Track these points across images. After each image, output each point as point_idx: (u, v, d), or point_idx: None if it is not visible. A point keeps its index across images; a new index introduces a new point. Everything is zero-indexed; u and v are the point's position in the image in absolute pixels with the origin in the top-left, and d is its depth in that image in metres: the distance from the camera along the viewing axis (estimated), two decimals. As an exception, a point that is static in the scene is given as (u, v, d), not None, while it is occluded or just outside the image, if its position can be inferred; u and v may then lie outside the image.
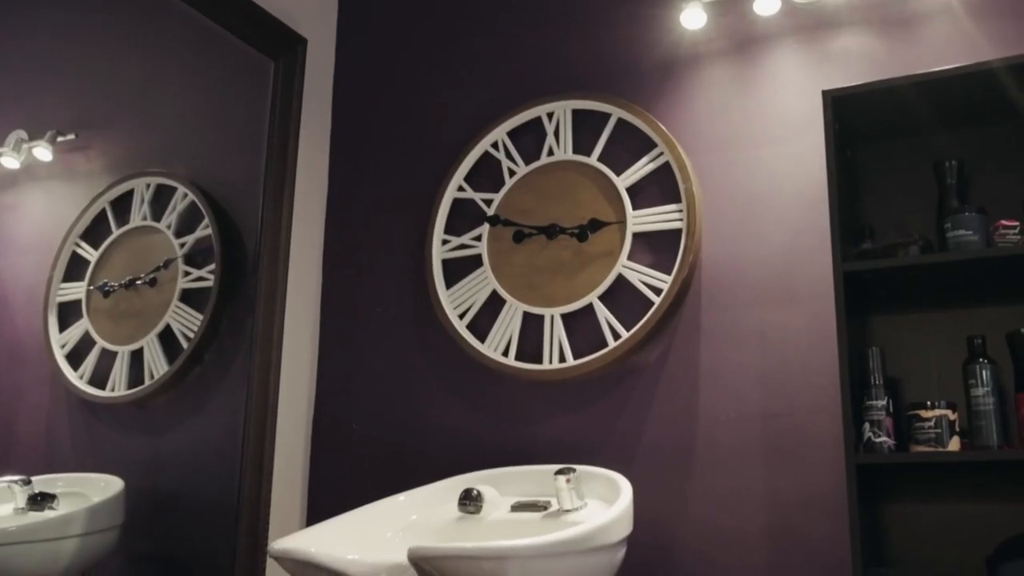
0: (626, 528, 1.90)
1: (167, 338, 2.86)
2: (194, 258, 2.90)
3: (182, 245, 2.92)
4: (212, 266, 2.86)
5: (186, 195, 2.95)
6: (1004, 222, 1.85)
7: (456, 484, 2.25)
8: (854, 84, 2.01)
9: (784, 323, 2.19)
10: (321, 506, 2.63)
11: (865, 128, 2.13)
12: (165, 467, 2.74)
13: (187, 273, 2.88)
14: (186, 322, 2.83)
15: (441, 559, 1.58)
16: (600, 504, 2.07)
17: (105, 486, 2.71)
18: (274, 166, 2.69)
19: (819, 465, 2.09)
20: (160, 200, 3.03)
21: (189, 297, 2.86)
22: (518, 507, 2.15)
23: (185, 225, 2.95)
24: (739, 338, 2.23)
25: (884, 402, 1.88)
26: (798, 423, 2.13)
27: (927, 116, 2.07)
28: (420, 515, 2.16)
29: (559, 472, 2.06)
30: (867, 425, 1.88)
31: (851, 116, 2.07)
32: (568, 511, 2.06)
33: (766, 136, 2.31)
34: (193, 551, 2.64)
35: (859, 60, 2.25)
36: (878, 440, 1.86)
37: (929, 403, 1.84)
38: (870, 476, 1.93)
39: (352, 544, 1.93)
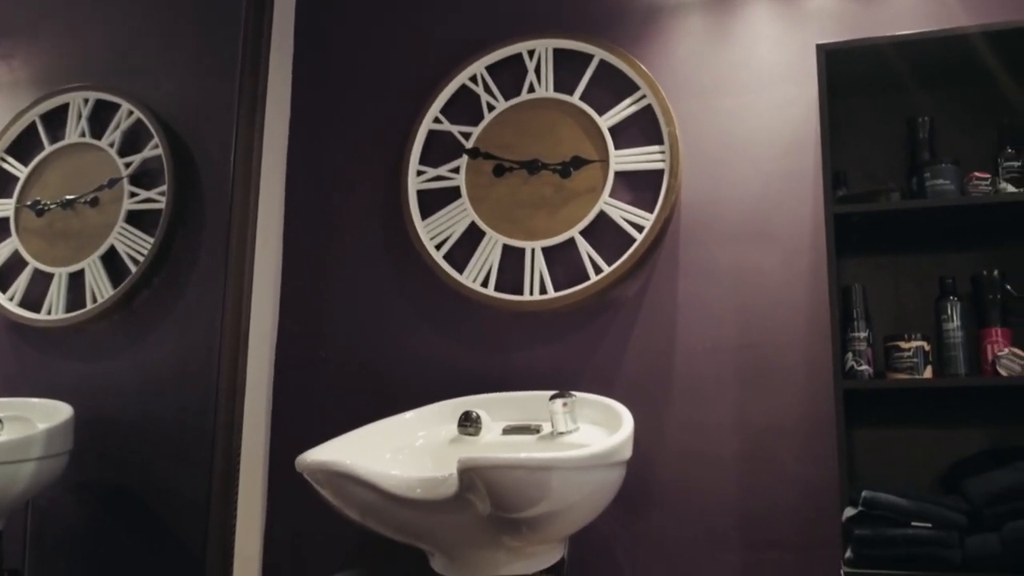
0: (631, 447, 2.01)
1: (111, 260, 2.75)
2: (141, 179, 2.79)
3: (127, 165, 2.80)
4: (162, 188, 2.76)
5: (131, 112, 2.83)
6: (977, 174, 2.05)
7: (443, 408, 2.29)
8: (842, 40, 2.16)
9: (759, 261, 2.34)
10: (285, 432, 2.62)
11: (838, 83, 2.28)
12: (107, 393, 2.65)
13: (134, 194, 2.77)
14: (133, 244, 2.73)
15: (490, 469, 1.64)
16: (592, 428, 2.17)
17: (50, 411, 2.61)
18: (246, 89, 2.61)
19: (790, 393, 2.26)
20: (100, 117, 2.89)
21: (136, 219, 2.76)
22: (510, 430, 2.23)
23: (130, 144, 2.82)
24: (716, 274, 2.37)
25: (866, 334, 2.06)
26: (771, 354, 2.29)
27: (899, 74, 2.23)
28: (412, 437, 2.20)
29: (556, 396, 2.14)
30: (850, 354, 2.05)
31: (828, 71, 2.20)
32: (562, 433, 2.14)
33: (744, 85, 2.43)
34: (145, 477, 2.57)
35: (831, 18, 2.40)
36: (860, 368, 2.04)
37: (907, 335, 2.03)
38: (846, 402, 2.10)
39: (362, 459, 1.95)
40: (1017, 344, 2.03)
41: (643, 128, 2.48)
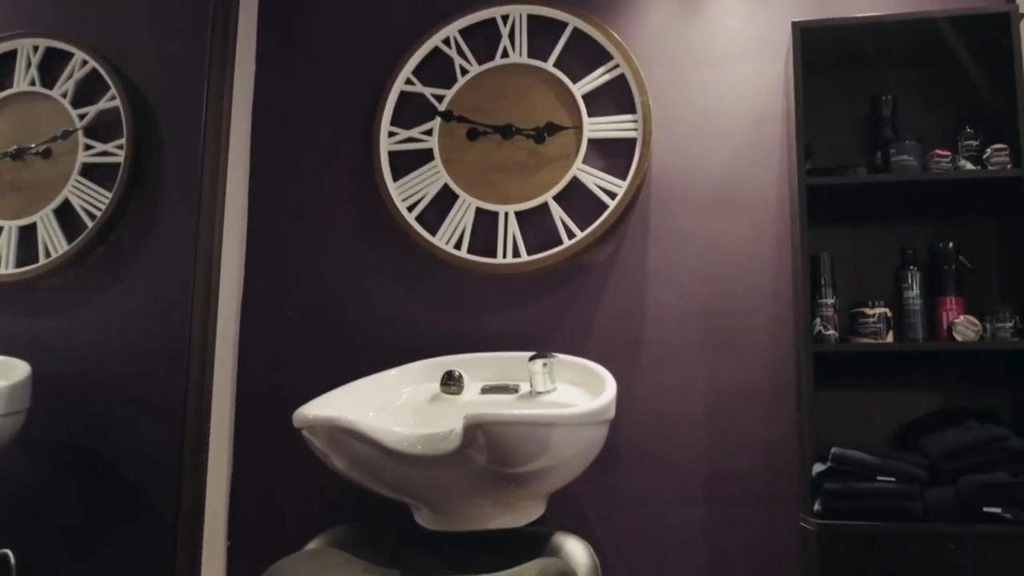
0: (613, 406, 2.08)
1: (65, 214, 2.68)
2: (96, 131, 2.72)
3: (82, 116, 2.72)
4: (120, 141, 2.69)
5: (86, 62, 2.74)
6: (938, 151, 2.17)
7: (422, 367, 2.32)
8: (814, 19, 2.25)
9: (727, 230, 2.43)
10: (251, 391, 2.61)
11: (806, 59, 2.36)
12: (62, 350, 2.59)
13: (89, 147, 2.70)
14: (89, 198, 2.66)
15: (495, 424, 1.68)
16: (570, 388, 2.23)
17: (5, 368, 2.54)
18: (217, 42, 2.56)
19: (755, 357, 2.36)
20: (51, 66, 2.80)
21: (92, 172, 2.69)
22: (488, 389, 2.27)
23: (84, 95, 2.75)
24: (685, 241, 2.45)
25: (832, 300, 2.17)
26: (737, 320, 2.39)
27: (866, 53, 2.34)
28: (395, 394, 2.23)
29: (536, 356, 2.19)
30: (818, 320, 2.15)
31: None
32: (541, 393, 2.20)
33: (714, 58, 2.51)
34: (105, 434, 2.52)
35: (797, -3, 2.50)
36: (827, 333, 2.15)
37: (871, 302, 2.15)
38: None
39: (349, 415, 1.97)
40: (970, 312, 2.16)
41: (616, 97, 2.53)
